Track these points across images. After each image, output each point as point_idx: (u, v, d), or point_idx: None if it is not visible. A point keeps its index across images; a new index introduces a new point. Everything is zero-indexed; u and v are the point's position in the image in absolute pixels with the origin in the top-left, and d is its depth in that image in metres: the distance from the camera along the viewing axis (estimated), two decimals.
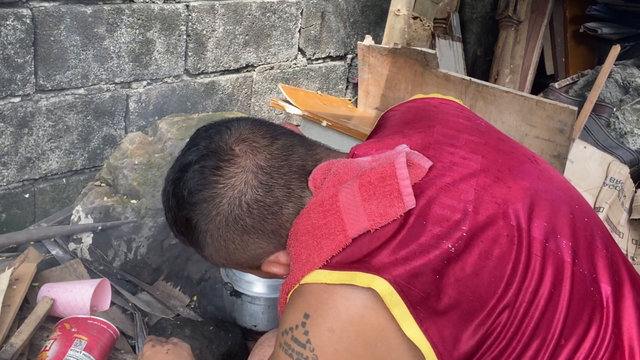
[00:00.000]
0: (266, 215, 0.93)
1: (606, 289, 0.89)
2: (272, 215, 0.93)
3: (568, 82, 3.20)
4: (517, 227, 0.87)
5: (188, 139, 1.02)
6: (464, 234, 0.84)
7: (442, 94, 1.14)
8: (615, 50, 2.87)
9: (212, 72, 2.49)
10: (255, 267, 1.02)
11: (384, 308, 0.79)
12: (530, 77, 3.48)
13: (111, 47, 2.13)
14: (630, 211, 2.40)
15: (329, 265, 0.83)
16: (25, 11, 1.90)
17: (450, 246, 0.82)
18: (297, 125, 1.50)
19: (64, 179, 2.18)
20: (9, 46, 1.89)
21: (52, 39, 1.97)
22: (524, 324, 0.83)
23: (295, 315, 0.83)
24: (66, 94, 2.08)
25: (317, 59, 2.92)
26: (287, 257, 0.96)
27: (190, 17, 2.33)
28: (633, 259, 2.30)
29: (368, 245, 0.83)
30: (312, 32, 2.83)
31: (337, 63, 3.03)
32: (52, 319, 1.61)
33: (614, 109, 2.87)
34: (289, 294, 0.87)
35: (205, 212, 0.96)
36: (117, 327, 1.59)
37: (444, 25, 3.50)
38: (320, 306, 0.81)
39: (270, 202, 0.92)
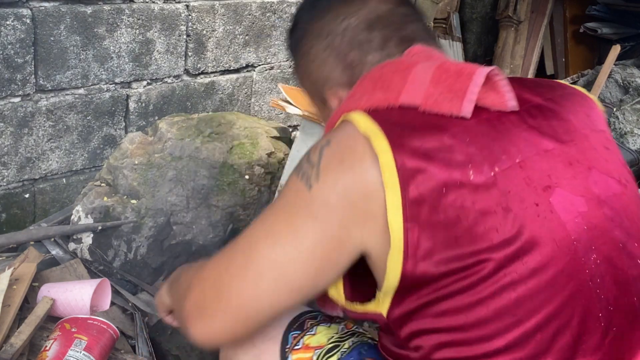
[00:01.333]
0: (353, 47, 0.97)
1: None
2: (358, 49, 0.96)
3: (568, 82, 3.20)
4: (550, 210, 0.82)
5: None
6: (492, 175, 0.80)
7: None
8: (615, 50, 2.88)
9: (212, 72, 2.49)
10: (319, 93, 1.05)
11: (382, 185, 0.79)
12: (530, 77, 3.49)
13: (111, 47, 2.13)
14: None
15: (368, 112, 0.86)
16: (25, 11, 1.90)
17: (472, 175, 0.79)
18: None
19: (64, 179, 2.18)
20: (9, 46, 1.89)
21: (52, 39, 1.97)
22: (500, 293, 0.79)
23: (320, 141, 0.89)
24: (66, 94, 2.08)
25: None
26: (344, 95, 0.99)
27: (190, 17, 2.33)
28: None
29: (408, 119, 0.83)
30: None
31: None
32: (52, 319, 1.61)
33: (614, 109, 2.87)
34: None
35: (315, 15, 1.01)
36: (117, 327, 1.59)
37: (444, 25, 3.50)
38: (342, 141, 0.84)
39: (363, 39, 0.96)
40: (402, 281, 0.81)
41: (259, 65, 2.67)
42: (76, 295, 1.66)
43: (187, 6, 2.31)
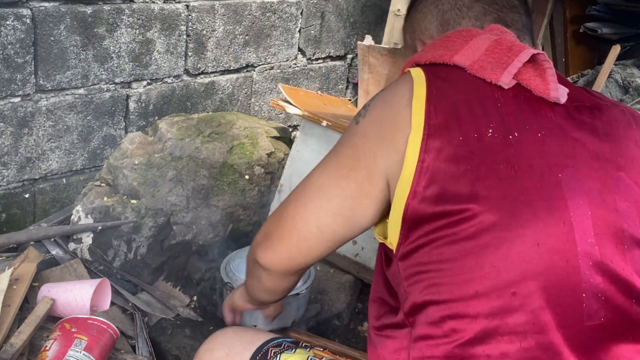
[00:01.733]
0: (454, 8, 1.07)
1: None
2: (457, 11, 1.06)
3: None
4: (555, 185, 0.88)
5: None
6: (510, 138, 0.88)
7: None
8: (615, 50, 2.87)
9: (212, 72, 2.49)
10: (414, 41, 1.15)
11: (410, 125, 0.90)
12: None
13: (111, 47, 2.13)
14: None
15: (425, 64, 0.99)
16: (25, 11, 1.90)
17: (490, 132, 0.88)
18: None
19: (64, 179, 2.18)
20: (9, 46, 1.89)
21: (52, 39, 1.97)
22: (483, 244, 0.85)
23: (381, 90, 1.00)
24: (66, 94, 2.08)
25: (317, 59, 2.92)
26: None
27: (190, 17, 2.33)
28: None
29: (454, 77, 0.94)
30: (312, 32, 2.83)
31: (337, 63, 3.03)
32: (52, 319, 1.61)
33: None
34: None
35: None
36: (117, 327, 1.59)
37: None
38: (392, 87, 0.97)
39: (465, 4, 1.06)
40: (406, 213, 0.89)
41: (259, 65, 2.67)
42: (76, 295, 1.66)
43: (187, 6, 2.31)
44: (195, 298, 1.94)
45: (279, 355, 1.14)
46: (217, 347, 1.21)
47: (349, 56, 3.07)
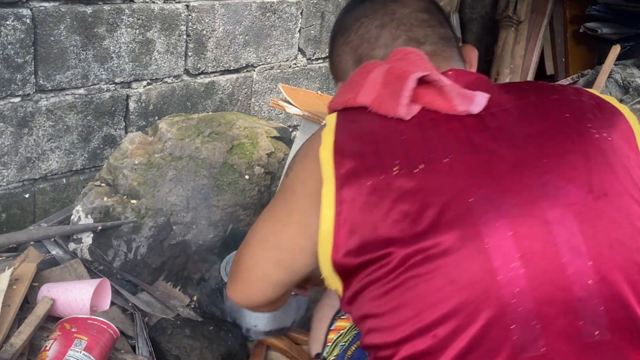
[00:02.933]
0: (363, 41, 1.03)
1: None
2: (367, 44, 1.02)
3: (568, 82, 3.20)
4: (467, 210, 0.83)
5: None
6: (416, 172, 0.84)
7: None
8: (615, 50, 2.87)
9: (212, 72, 2.49)
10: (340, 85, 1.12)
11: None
12: (530, 77, 3.48)
13: (111, 47, 2.13)
14: None
15: (340, 111, 0.96)
16: (25, 11, 1.90)
17: (396, 170, 0.84)
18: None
19: (64, 179, 2.18)
20: (9, 46, 1.89)
21: (52, 39, 1.97)
22: (404, 285, 0.82)
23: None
24: (66, 94, 2.08)
25: (317, 59, 2.92)
26: None
27: (190, 17, 2.33)
28: None
29: (359, 119, 0.91)
30: (312, 32, 2.83)
31: None
32: (52, 319, 1.61)
33: None
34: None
35: (343, 15, 1.09)
36: (117, 327, 1.59)
37: None
38: (312, 137, 0.95)
39: (373, 35, 1.02)
40: (334, 267, 0.87)
41: (259, 65, 2.67)
42: (76, 295, 1.66)
43: (187, 6, 2.31)
44: (195, 298, 1.94)
45: (334, 323, 1.22)
46: None
47: None
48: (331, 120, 0.93)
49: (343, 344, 1.17)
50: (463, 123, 0.87)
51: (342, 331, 1.20)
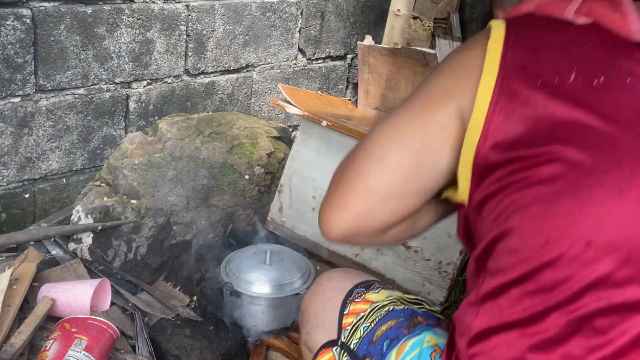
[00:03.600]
0: None
1: None
2: None
3: None
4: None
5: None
6: (594, 84, 0.80)
7: None
8: None
9: (212, 72, 2.49)
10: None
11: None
12: None
13: (111, 47, 2.13)
14: None
15: (509, 17, 0.91)
16: (25, 11, 1.90)
17: (572, 78, 0.80)
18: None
19: (64, 179, 2.18)
20: (9, 46, 1.89)
21: (52, 39, 1.97)
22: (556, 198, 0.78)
23: None
24: (66, 94, 2.08)
25: (317, 59, 2.92)
26: None
27: (190, 17, 2.33)
28: None
29: (532, 22, 0.88)
30: (312, 32, 2.83)
31: (337, 63, 3.03)
32: (52, 319, 1.61)
33: None
34: None
35: None
36: (117, 327, 1.59)
37: (444, 25, 3.50)
38: (478, 34, 0.91)
39: None
40: (475, 162, 0.83)
41: (259, 65, 2.67)
42: (76, 295, 1.66)
43: (187, 6, 2.31)
44: (195, 298, 1.94)
45: (379, 289, 1.16)
46: (321, 290, 1.22)
47: (349, 56, 3.07)
48: (500, 22, 0.88)
49: (367, 325, 1.11)
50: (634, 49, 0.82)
51: (362, 314, 1.13)
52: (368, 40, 2.28)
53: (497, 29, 0.86)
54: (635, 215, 0.75)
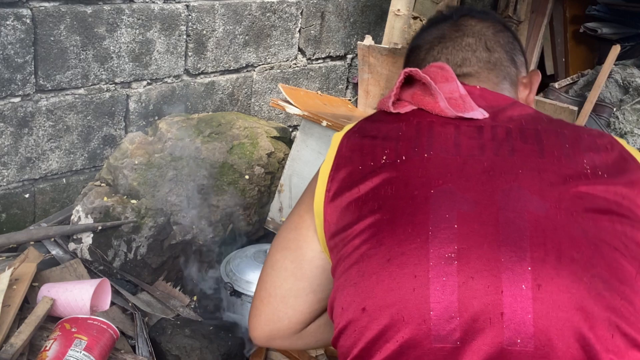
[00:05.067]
0: (416, 61, 1.11)
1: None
2: (415, 64, 1.10)
3: (568, 82, 3.20)
4: (424, 203, 0.86)
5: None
6: (399, 162, 0.90)
7: None
8: (615, 50, 2.87)
9: (212, 72, 2.49)
10: None
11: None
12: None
13: (111, 47, 2.13)
14: None
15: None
16: (25, 11, 1.90)
17: (384, 159, 0.91)
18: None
19: (64, 179, 2.18)
20: (9, 46, 1.89)
21: (52, 39, 1.97)
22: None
23: None
24: (66, 94, 2.08)
25: (317, 59, 2.92)
26: None
27: (190, 17, 2.33)
28: None
29: (376, 116, 1.01)
30: (312, 32, 2.83)
31: (337, 63, 3.03)
32: (52, 319, 1.61)
33: (614, 109, 2.87)
34: None
35: (422, 31, 1.17)
36: (117, 327, 1.59)
37: None
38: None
39: (420, 57, 1.11)
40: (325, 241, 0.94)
41: (259, 65, 2.67)
42: (76, 295, 1.66)
43: (187, 6, 2.31)
44: (195, 298, 1.94)
45: None
46: None
47: (349, 56, 3.07)
48: (360, 119, 1.03)
49: None
50: (459, 129, 0.93)
51: None
52: (368, 40, 2.28)
53: (348, 125, 1.00)
54: (396, 281, 0.81)
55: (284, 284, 1.00)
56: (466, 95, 0.96)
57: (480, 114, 0.94)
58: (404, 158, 0.90)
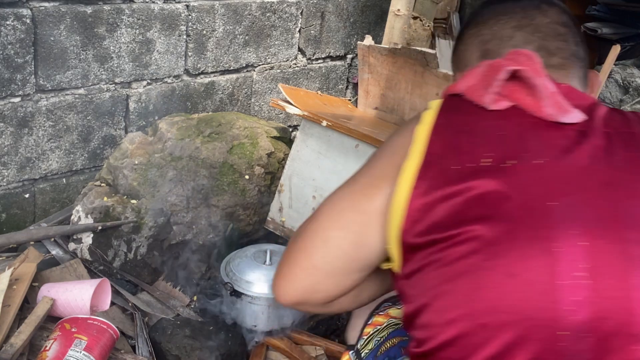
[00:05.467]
0: (495, 38, 1.04)
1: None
2: (497, 41, 1.04)
3: None
4: (546, 215, 0.83)
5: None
6: (504, 166, 0.86)
7: None
8: (615, 50, 2.87)
9: (212, 72, 2.49)
10: (457, 76, 1.14)
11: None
12: None
13: (111, 47, 2.13)
14: None
15: (447, 96, 1.00)
16: (25, 11, 1.90)
17: (484, 161, 0.87)
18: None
19: (64, 179, 2.18)
20: (9, 46, 1.89)
21: (52, 39, 1.97)
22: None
23: None
24: (66, 94, 2.08)
25: (317, 59, 2.92)
26: None
27: (190, 17, 2.33)
28: None
29: (454, 104, 0.96)
30: (312, 32, 2.83)
31: (337, 63, 3.03)
32: (52, 319, 1.61)
33: None
34: None
35: (482, 9, 1.10)
36: (117, 327, 1.59)
37: (444, 25, 3.50)
38: (411, 117, 0.99)
39: (506, 35, 1.03)
40: (401, 240, 0.89)
41: (259, 65, 2.67)
42: (76, 295, 1.66)
43: (187, 6, 2.31)
44: (195, 298, 1.94)
45: (387, 309, 1.23)
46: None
47: (349, 56, 3.07)
48: (436, 103, 0.96)
49: (378, 339, 1.19)
50: (563, 133, 0.89)
51: (378, 327, 1.21)
52: (368, 40, 2.28)
53: (428, 115, 0.94)
54: (523, 297, 0.79)
55: (336, 262, 0.97)
56: (558, 94, 0.91)
57: (577, 116, 0.90)
58: (511, 163, 0.85)
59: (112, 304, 1.79)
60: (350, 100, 3.04)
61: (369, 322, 1.24)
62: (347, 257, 0.96)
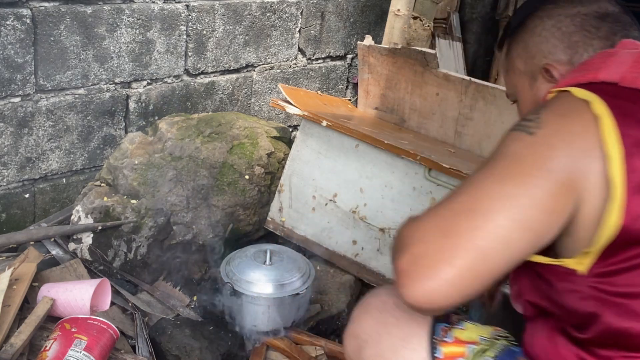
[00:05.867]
0: (580, 30, 1.05)
1: None
2: (586, 33, 1.04)
3: None
4: None
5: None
6: None
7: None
8: None
9: (212, 72, 2.49)
10: (531, 66, 1.11)
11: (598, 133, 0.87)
12: None
13: (111, 47, 2.13)
14: None
15: (583, 85, 0.93)
16: (25, 11, 1.90)
17: None
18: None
19: (64, 179, 2.18)
20: (9, 46, 1.89)
21: (52, 39, 1.97)
22: None
23: (533, 109, 0.96)
24: (66, 94, 2.08)
25: (317, 59, 2.92)
26: (562, 71, 1.06)
27: (190, 17, 2.33)
28: None
29: (611, 92, 0.90)
30: (312, 32, 2.83)
31: (337, 63, 3.03)
32: (52, 319, 1.61)
33: None
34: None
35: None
36: (117, 327, 1.59)
37: (444, 25, 3.51)
38: (562, 104, 0.92)
39: (591, 26, 1.04)
40: (618, 236, 0.85)
41: (259, 65, 2.67)
42: (76, 295, 1.66)
43: (187, 6, 2.31)
44: (195, 298, 1.94)
45: (463, 323, 1.11)
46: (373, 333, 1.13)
47: (349, 56, 3.07)
48: (580, 90, 0.92)
49: None
50: None
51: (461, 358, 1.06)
52: (368, 40, 2.28)
53: (598, 104, 0.88)
54: None
55: (509, 266, 0.86)
56: None
57: None
58: None
59: (112, 304, 1.79)
60: (350, 100, 3.04)
61: (439, 356, 1.05)
62: (521, 258, 0.87)
